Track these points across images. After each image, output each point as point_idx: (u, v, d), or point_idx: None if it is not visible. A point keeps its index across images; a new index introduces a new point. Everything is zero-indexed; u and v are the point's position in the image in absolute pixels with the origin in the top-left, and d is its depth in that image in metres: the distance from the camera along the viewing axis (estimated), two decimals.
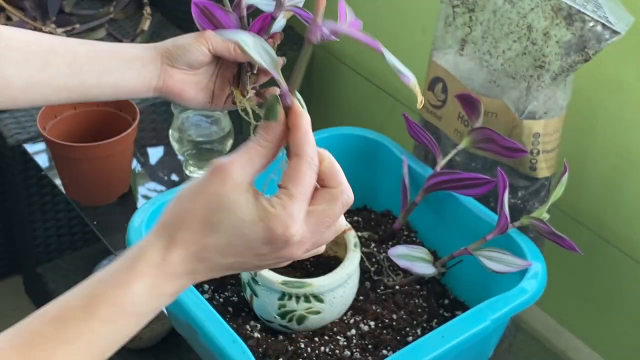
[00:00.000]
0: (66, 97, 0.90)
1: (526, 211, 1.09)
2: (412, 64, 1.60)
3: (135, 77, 0.91)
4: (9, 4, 1.59)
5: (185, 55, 0.91)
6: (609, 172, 1.21)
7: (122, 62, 0.91)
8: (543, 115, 1.02)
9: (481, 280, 0.98)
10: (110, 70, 0.90)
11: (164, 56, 0.91)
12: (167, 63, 0.91)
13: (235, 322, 0.92)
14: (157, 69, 0.91)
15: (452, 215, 1.04)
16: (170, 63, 0.91)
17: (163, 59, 0.91)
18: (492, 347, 0.98)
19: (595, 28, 0.94)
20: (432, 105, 1.14)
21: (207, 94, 0.94)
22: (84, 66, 0.89)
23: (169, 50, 0.91)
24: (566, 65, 0.98)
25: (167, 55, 0.91)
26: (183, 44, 0.91)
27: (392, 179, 1.09)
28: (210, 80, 0.94)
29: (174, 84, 0.92)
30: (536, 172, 1.06)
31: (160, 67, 0.91)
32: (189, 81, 0.93)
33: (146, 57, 0.91)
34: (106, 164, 1.19)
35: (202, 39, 0.90)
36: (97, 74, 0.89)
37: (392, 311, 0.95)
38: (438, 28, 1.11)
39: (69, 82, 0.89)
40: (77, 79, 0.89)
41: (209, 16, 0.90)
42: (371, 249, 1.03)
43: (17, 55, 0.85)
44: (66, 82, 0.89)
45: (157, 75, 0.91)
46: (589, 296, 1.19)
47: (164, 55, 0.91)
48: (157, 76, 0.91)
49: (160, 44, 0.93)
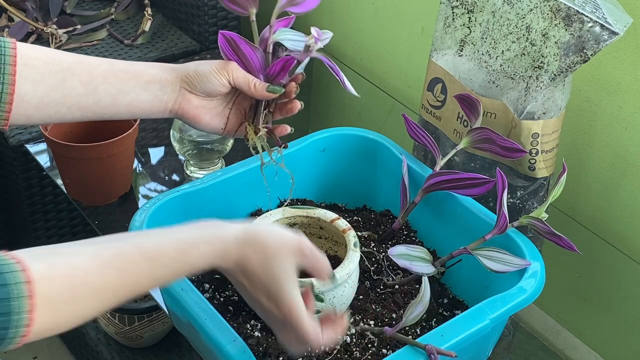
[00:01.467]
0: (80, 116, 0.90)
1: (525, 211, 1.09)
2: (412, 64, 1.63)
3: (152, 100, 0.91)
4: (10, 5, 1.60)
5: (205, 84, 0.91)
6: (607, 172, 1.22)
7: (138, 83, 0.90)
8: (542, 116, 1.03)
9: (480, 280, 0.98)
10: (126, 91, 0.90)
11: (183, 80, 0.91)
12: (186, 88, 0.92)
13: (235, 321, 0.92)
14: (175, 92, 0.92)
15: (452, 215, 1.04)
16: (189, 88, 0.92)
17: (182, 83, 0.91)
18: (491, 346, 0.98)
19: (594, 29, 0.95)
20: (431, 106, 1.14)
21: (221, 120, 0.95)
22: (100, 86, 0.89)
23: (190, 77, 0.91)
24: (565, 65, 0.98)
25: (187, 80, 0.91)
26: (205, 73, 0.91)
27: (391, 179, 1.10)
28: (226, 107, 0.95)
29: (190, 108, 0.92)
30: (535, 172, 1.06)
31: (178, 91, 0.92)
32: (205, 107, 0.93)
33: (165, 80, 0.91)
34: (107, 164, 1.20)
35: (224, 70, 0.90)
36: (113, 95, 0.89)
37: (392, 310, 0.95)
38: (437, 29, 1.11)
39: (83, 102, 0.89)
40: (91, 98, 0.89)
41: (235, 48, 0.90)
42: (371, 248, 1.03)
43: (33, 74, 0.85)
44: (80, 102, 0.89)
45: (174, 99, 0.92)
46: (588, 295, 1.20)
47: (184, 80, 0.91)
48: (174, 99, 0.92)
49: (182, 67, 0.92)
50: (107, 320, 1.46)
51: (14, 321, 0.63)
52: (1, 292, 0.63)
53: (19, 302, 0.63)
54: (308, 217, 0.98)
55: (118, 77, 0.90)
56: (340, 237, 0.96)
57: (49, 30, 1.58)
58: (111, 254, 0.71)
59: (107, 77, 0.89)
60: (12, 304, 0.63)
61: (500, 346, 1.04)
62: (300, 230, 0.99)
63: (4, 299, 0.63)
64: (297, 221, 0.98)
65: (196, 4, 1.64)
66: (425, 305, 0.85)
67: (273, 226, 0.81)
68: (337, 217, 0.97)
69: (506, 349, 1.07)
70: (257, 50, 0.90)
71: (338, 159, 1.13)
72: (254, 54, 0.90)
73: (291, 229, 0.98)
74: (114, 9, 1.71)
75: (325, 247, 1.00)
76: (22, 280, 0.64)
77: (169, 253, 0.74)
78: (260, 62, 0.91)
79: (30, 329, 0.65)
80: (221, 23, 1.66)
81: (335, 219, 0.96)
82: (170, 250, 0.74)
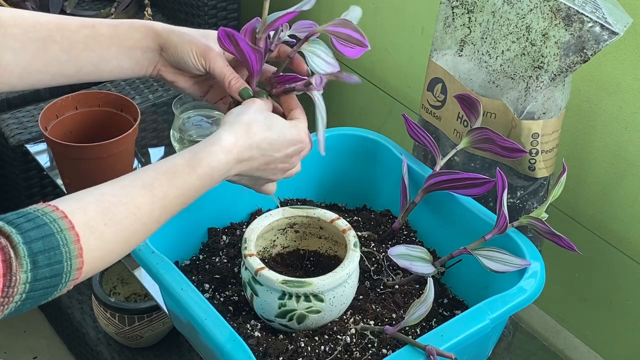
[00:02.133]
0: (65, 82, 0.90)
1: (525, 211, 1.09)
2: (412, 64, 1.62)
3: (134, 66, 0.91)
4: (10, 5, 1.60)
5: (181, 64, 0.91)
6: (607, 172, 1.22)
7: (121, 49, 0.90)
8: (542, 116, 1.03)
9: (480, 280, 0.98)
10: (108, 58, 0.89)
11: (162, 49, 0.91)
12: (165, 57, 0.92)
13: (235, 321, 0.93)
14: (155, 59, 0.92)
15: (452, 215, 1.04)
16: (167, 58, 0.91)
17: (162, 51, 0.91)
18: (491, 346, 0.98)
19: (594, 29, 0.95)
20: (431, 106, 1.14)
21: (201, 88, 0.96)
22: (81, 53, 0.88)
23: (169, 52, 0.91)
24: (565, 65, 0.98)
25: (166, 52, 0.91)
26: (182, 54, 0.90)
27: (391, 179, 1.10)
28: (208, 78, 0.95)
29: (168, 75, 0.93)
30: (535, 172, 1.06)
31: (158, 58, 0.92)
32: (183, 75, 0.93)
33: (146, 46, 0.91)
34: (107, 164, 1.20)
35: (203, 58, 0.89)
36: (95, 62, 0.89)
37: (392, 310, 0.95)
38: (437, 29, 1.11)
39: (65, 70, 0.88)
40: (73, 66, 0.88)
41: (234, 43, 0.88)
42: (371, 248, 1.03)
43: (14, 44, 0.85)
44: (62, 70, 0.88)
45: (154, 64, 0.92)
46: (588, 295, 1.20)
47: (163, 49, 0.91)
48: (154, 65, 0.92)
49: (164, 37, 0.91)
50: (107, 320, 1.46)
51: (66, 253, 0.67)
52: (45, 229, 0.66)
53: (63, 235, 0.67)
54: (308, 217, 0.98)
55: (100, 44, 0.89)
56: (340, 237, 0.96)
57: None
58: (130, 178, 0.76)
59: (88, 44, 0.88)
60: (61, 236, 0.67)
61: (500, 346, 1.04)
62: (300, 230, 0.99)
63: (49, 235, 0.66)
64: (297, 221, 0.98)
65: (196, 4, 1.64)
66: (429, 306, 0.85)
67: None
68: (337, 217, 0.97)
69: (506, 349, 1.07)
70: (257, 52, 0.89)
71: (338, 159, 1.13)
72: (252, 54, 0.89)
73: (291, 229, 0.99)
74: (114, 9, 1.71)
75: (325, 247, 1.00)
76: (59, 217, 0.68)
77: (179, 162, 0.79)
78: (257, 64, 0.90)
79: (82, 259, 0.68)
80: (221, 23, 1.66)
81: (335, 219, 0.96)
82: (179, 159, 0.79)
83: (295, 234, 0.99)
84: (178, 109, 1.28)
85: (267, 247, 0.99)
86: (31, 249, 0.65)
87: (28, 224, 0.66)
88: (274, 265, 0.97)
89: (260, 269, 0.88)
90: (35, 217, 0.67)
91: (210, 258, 1.03)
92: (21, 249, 0.65)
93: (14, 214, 0.67)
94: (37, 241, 0.66)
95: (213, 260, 1.02)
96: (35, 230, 0.66)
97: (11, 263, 0.64)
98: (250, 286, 0.91)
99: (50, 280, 0.67)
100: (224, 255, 1.03)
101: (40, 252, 0.66)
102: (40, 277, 0.66)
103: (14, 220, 0.66)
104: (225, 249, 1.04)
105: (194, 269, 1.02)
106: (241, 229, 1.06)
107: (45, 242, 0.66)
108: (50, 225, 0.67)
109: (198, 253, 1.05)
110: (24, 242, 0.65)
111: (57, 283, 0.68)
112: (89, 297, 1.59)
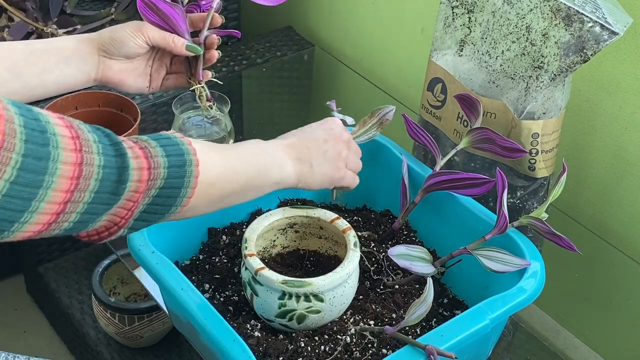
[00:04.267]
0: None
1: (525, 211, 1.09)
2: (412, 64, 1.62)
3: (76, 73, 0.94)
4: (10, 5, 1.60)
5: (122, 48, 0.94)
6: (607, 172, 1.22)
7: (60, 59, 0.93)
8: (542, 116, 1.03)
9: (480, 280, 0.98)
10: (50, 69, 0.92)
11: (100, 49, 0.95)
12: (104, 55, 0.95)
13: (235, 321, 0.93)
14: (95, 62, 0.95)
15: (452, 215, 1.04)
16: (108, 55, 0.95)
17: (99, 52, 0.95)
18: (491, 346, 0.98)
19: (594, 29, 0.95)
20: (431, 106, 1.14)
21: (145, 78, 1.00)
22: (23, 69, 0.91)
23: (106, 44, 0.94)
24: (565, 65, 0.98)
25: (104, 48, 0.94)
26: (120, 38, 0.94)
27: (391, 179, 1.10)
28: (147, 66, 0.99)
29: (112, 74, 0.96)
30: (535, 172, 1.06)
31: (98, 60, 0.95)
32: (127, 69, 0.97)
33: (83, 51, 0.94)
34: None
35: (139, 32, 0.94)
36: (38, 75, 0.92)
37: (392, 310, 0.95)
38: (437, 29, 1.11)
39: (10, 87, 0.91)
40: (18, 82, 0.91)
41: (154, 9, 0.94)
42: (371, 248, 1.03)
43: None
44: (7, 88, 0.90)
45: (95, 68, 0.95)
46: (588, 295, 1.20)
47: (101, 48, 0.94)
48: (96, 69, 0.95)
49: (96, 35, 0.95)
50: (107, 320, 1.46)
51: (188, 160, 0.74)
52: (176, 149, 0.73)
53: (185, 147, 0.75)
54: (308, 217, 0.98)
55: (39, 58, 0.92)
56: (340, 237, 0.96)
57: (49, 30, 1.58)
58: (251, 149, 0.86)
59: (28, 59, 0.91)
60: (184, 147, 0.74)
61: (500, 346, 1.04)
62: (301, 230, 0.99)
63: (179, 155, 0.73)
64: (297, 221, 0.98)
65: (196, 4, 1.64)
66: (429, 306, 0.85)
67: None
68: (337, 217, 0.97)
69: (506, 349, 1.07)
70: (177, 7, 0.94)
71: None
72: (174, 11, 0.94)
73: (291, 229, 0.99)
74: (114, 9, 1.71)
75: (325, 247, 1.00)
76: (185, 142, 0.75)
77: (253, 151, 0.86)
78: (182, 19, 0.95)
79: (198, 169, 0.75)
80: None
81: (335, 219, 0.96)
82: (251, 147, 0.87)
83: (295, 233, 0.99)
84: (178, 108, 1.28)
85: (267, 247, 0.99)
86: (163, 147, 0.72)
87: (160, 139, 0.73)
88: (274, 265, 0.97)
89: (260, 269, 0.88)
90: (166, 137, 0.74)
91: (210, 258, 1.03)
92: (155, 146, 0.72)
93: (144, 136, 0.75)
94: (167, 146, 0.73)
95: (213, 260, 1.02)
96: (166, 139, 0.74)
97: (149, 152, 0.71)
98: (250, 286, 0.91)
99: (177, 180, 0.73)
100: (224, 255, 1.03)
101: (169, 152, 0.73)
102: (172, 164, 0.72)
103: (145, 136, 0.74)
104: (225, 249, 1.04)
105: (194, 269, 1.02)
106: (241, 229, 1.06)
107: (173, 148, 0.73)
108: (179, 144, 0.75)
109: (198, 253, 1.05)
110: (159, 146, 0.72)
111: (180, 185, 0.73)
112: (89, 297, 1.59)
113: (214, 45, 1.00)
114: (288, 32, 1.70)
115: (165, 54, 1.01)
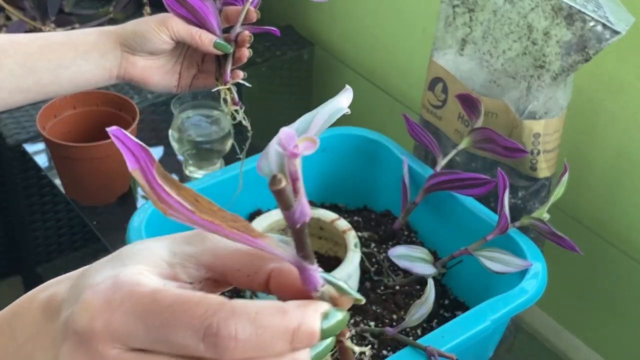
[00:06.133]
0: (23, 99, 0.87)
1: (526, 211, 1.09)
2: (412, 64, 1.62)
3: (94, 69, 0.87)
4: (8, 3, 1.59)
5: (146, 44, 0.86)
6: (609, 172, 1.21)
7: (77, 54, 0.86)
8: (543, 115, 1.02)
9: (481, 281, 0.98)
10: (65, 65, 0.86)
11: (122, 44, 0.87)
12: (127, 51, 0.87)
13: None
14: (117, 57, 0.87)
15: (452, 215, 1.04)
16: (131, 51, 0.87)
17: (122, 47, 0.87)
18: (492, 347, 0.98)
19: (596, 28, 0.94)
20: (432, 106, 1.14)
21: (173, 76, 0.91)
22: (37, 63, 0.85)
23: (129, 39, 0.87)
24: (566, 65, 0.98)
25: (127, 43, 0.87)
26: (143, 32, 0.86)
27: (392, 179, 1.09)
28: (176, 63, 0.91)
29: (136, 72, 0.88)
30: (536, 172, 1.06)
31: (120, 55, 0.87)
32: (152, 67, 0.89)
33: (103, 45, 0.87)
34: (106, 163, 1.19)
35: (164, 27, 0.85)
36: (52, 71, 0.85)
37: (392, 311, 0.95)
38: (438, 28, 1.11)
39: (23, 83, 0.85)
40: (31, 78, 0.85)
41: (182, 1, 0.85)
42: (371, 249, 1.02)
43: None
44: (19, 84, 0.85)
45: (117, 64, 0.88)
46: (589, 296, 1.19)
47: (123, 43, 0.87)
48: (118, 65, 0.88)
49: (119, 28, 0.88)
50: None
51: None
52: None
53: None
54: None
55: (55, 51, 0.85)
56: (340, 238, 0.95)
57: (47, 29, 1.57)
58: None
59: (43, 52, 0.85)
60: None
61: (501, 347, 1.04)
62: None
63: None
64: None
65: None
66: (429, 307, 0.85)
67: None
68: (337, 218, 0.96)
69: (507, 350, 1.07)
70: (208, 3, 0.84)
71: (338, 159, 1.13)
72: (202, 4, 0.84)
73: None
74: (112, 8, 1.71)
75: (325, 248, 0.99)
76: None
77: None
78: (212, 12, 0.85)
79: None
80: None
81: (335, 220, 0.96)
82: None
83: None
84: (177, 108, 1.27)
85: None
86: None
87: None
88: None
89: None
90: None
91: None
92: None
93: None
94: None
95: None
96: None
97: None
98: None
99: None
100: None
101: None
102: None
103: None
104: None
105: None
106: None
107: None
108: None
109: None
110: None
111: None
112: None
113: (245, 42, 0.86)
114: (288, 31, 1.69)
115: (196, 51, 0.90)
